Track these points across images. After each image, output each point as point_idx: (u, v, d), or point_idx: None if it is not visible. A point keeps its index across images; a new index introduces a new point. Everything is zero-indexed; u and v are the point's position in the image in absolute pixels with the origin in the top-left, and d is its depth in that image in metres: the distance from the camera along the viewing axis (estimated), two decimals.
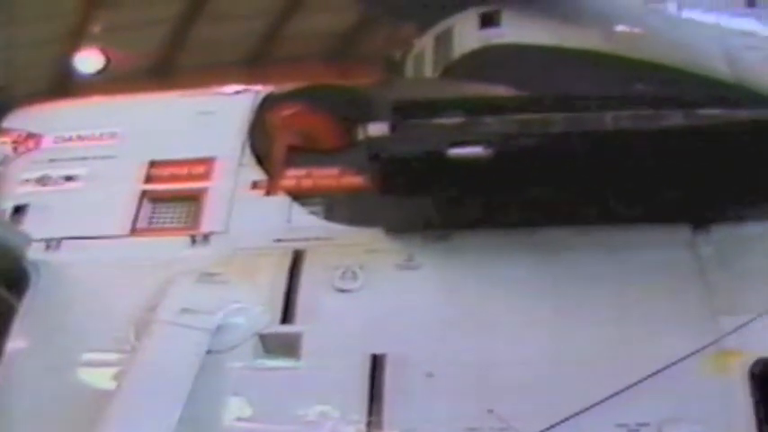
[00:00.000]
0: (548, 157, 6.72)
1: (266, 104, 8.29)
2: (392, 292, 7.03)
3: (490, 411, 6.46)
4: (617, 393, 6.36)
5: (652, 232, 7.13)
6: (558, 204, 7.04)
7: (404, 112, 6.89)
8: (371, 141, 6.77)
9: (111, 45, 21.07)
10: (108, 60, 21.06)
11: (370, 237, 7.31)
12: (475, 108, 6.83)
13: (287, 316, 6.99)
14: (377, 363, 6.70)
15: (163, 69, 22.65)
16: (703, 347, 6.52)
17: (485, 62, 8.12)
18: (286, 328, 6.93)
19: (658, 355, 6.47)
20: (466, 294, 6.98)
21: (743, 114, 6.71)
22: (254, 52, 22.69)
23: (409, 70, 9.01)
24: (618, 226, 7.12)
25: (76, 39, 21.74)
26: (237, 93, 8.57)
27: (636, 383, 6.35)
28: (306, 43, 21.43)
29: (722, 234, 7.20)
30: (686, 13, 8.15)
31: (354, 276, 7.07)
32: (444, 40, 8.48)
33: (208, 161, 8.02)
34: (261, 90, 8.53)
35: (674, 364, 6.41)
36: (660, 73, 7.69)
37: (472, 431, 6.45)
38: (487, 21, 8.28)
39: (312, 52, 20.92)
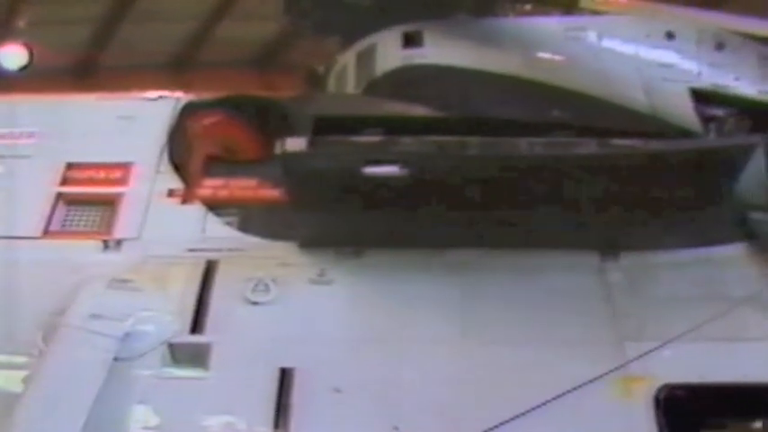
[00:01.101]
0: (462, 179, 6.80)
1: (187, 112, 8.24)
2: (303, 307, 7.05)
3: (396, 429, 6.51)
4: (522, 414, 6.44)
5: (561, 257, 7.25)
6: (470, 226, 7.12)
7: (323, 128, 6.92)
8: (288, 156, 6.78)
9: (36, 41, 20.78)
10: (32, 57, 20.76)
11: (283, 250, 7.32)
12: (394, 127, 6.89)
13: (197, 326, 6.96)
14: (285, 376, 6.71)
15: (86, 68, 22.42)
16: (608, 372, 6.63)
17: (406, 81, 8.15)
18: (195, 338, 6.91)
19: (564, 379, 6.57)
20: (376, 311, 7.03)
21: (656, 146, 6.85)
22: (178, 56, 22.55)
23: (331, 85, 9.03)
24: (528, 250, 7.23)
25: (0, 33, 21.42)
26: (158, 98, 8.51)
27: (540, 406, 6.44)
28: (231, 50, 21.36)
29: (631, 261, 7.35)
30: (606, 43, 8.29)
31: (266, 289, 7.08)
32: (367, 57, 8.52)
33: (125, 166, 7.96)
34: (182, 97, 8.49)
35: (578, 387, 6.51)
36: (578, 101, 7.82)
37: None
38: (410, 40, 8.33)
39: (237, 60, 20.86)
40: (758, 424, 7.20)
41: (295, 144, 6.77)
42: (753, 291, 7.19)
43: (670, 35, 8.32)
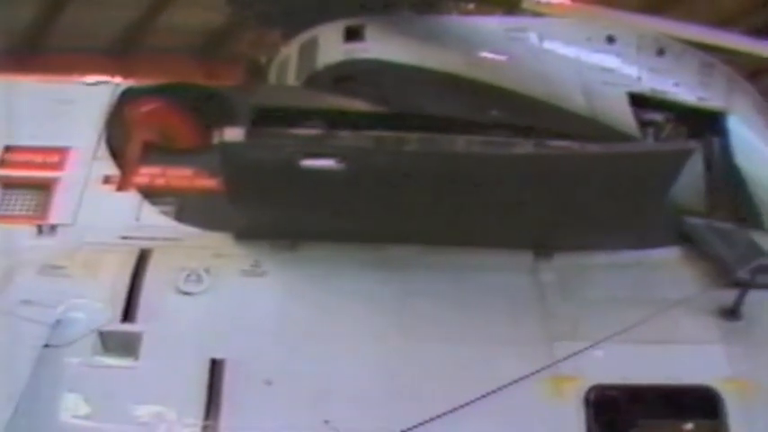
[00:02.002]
0: (400, 174, 6.81)
1: (126, 98, 8.17)
2: (236, 298, 7.02)
3: (326, 422, 6.51)
4: (452, 411, 6.47)
5: (496, 256, 7.30)
6: (406, 222, 7.14)
7: (262, 119, 6.90)
8: (225, 145, 6.76)
9: None
10: None
11: (218, 241, 7.28)
12: (333, 120, 6.88)
13: (128, 314, 6.91)
14: (216, 367, 6.69)
15: (29, 51, 22.16)
16: (537, 371, 6.68)
17: (347, 75, 8.16)
18: (126, 327, 6.86)
19: (495, 377, 6.61)
20: (310, 305, 7.03)
21: (592, 148, 6.91)
22: (122, 41, 22.37)
23: (272, 76, 9.00)
24: (464, 247, 7.26)
25: None
26: (98, 83, 8.44)
27: (470, 403, 6.47)
28: (175, 37, 21.23)
29: (564, 262, 7.42)
30: (547, 45, 8.33)
31: (199, 279, 7.04)
32: (309, 50, 8.50)
33: (62, 151, 7.89)
34: (122, 82, 8.42)
35: (508, 385, 6.55)
36: (517, 101, 7.87)
37: None
38: (352, 34, 8.33)
39: (180, 47, 20.74)
40: (688, 425, 7.31)
41: (233, 134, 6.76)
42: (685, 294, 7.28)
43: (611, 39, 8.38)
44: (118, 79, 8.50)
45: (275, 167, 6.72)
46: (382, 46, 8.27)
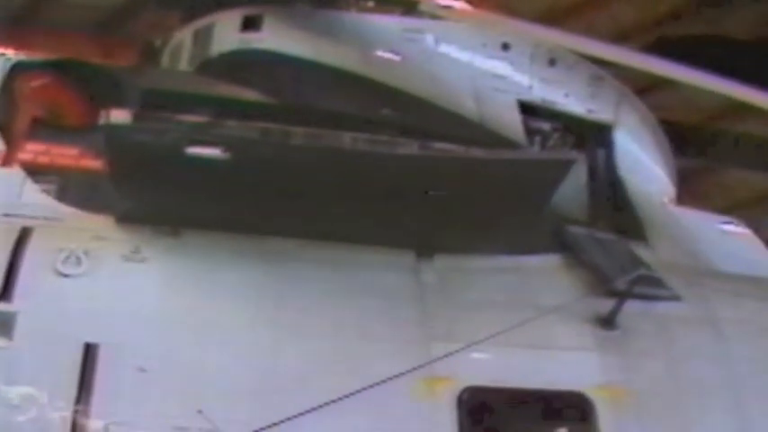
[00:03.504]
0: (284, 167, 6.81)
1: (16, 71, 8.01)
2: (114, 283, 6.93)
3: (199, 412, 6.47)
4: (325, 405, 6.48)
5: (378, 254, 7.34)
6: (290, 215, 7.13)
7: (150, 103, 6.83)
8: (111, 127, 6.67)
9: None
10: None
11: (100, 223, 7.17)
12: (222, 109, 6.84)
13: (4, 294, 6.77)
14: (90, 352, 6.59)
15: None
16: (412, 370, 6.72)
17: (240, 64, 8.12)
18: (1, 306, 6.72)
19: (369, 374, 6.63)
20: (188, 294, 6.97)
21: (477, 153, 6.99)
22: (18, 12, 21.91)
23: (165, 60, 8.92)
24: (347, 244, 7.29)
25: None
26: None
27: (342, 398, 6.49)
28: (74, 13, 20.87)
29: (445, 263, 7.48)
30: (442, 48, 8.41)
31: (78, 262, 6.91)
32: (204, 36, 8.44)
33: None
34: (12, 55, 8.26)
35: (380, 383, 6.58)
36: (408, 102, 7.93)
37: (179, 430, 6.46)
38: (249, 24, 8.30)
39: (78, 23, 20.40)
40: (561, 430, 7.43)
41: (119, 116, 6.68)
42: (562, 301, 7.40)
43: (506, 46, 8.49)
44: (9, 52, 8.34)
45: (160, 152, 6.66)
46: (278, 37, 8.25)
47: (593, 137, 8.61)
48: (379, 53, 8.29)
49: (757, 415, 7.51)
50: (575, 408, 7.20)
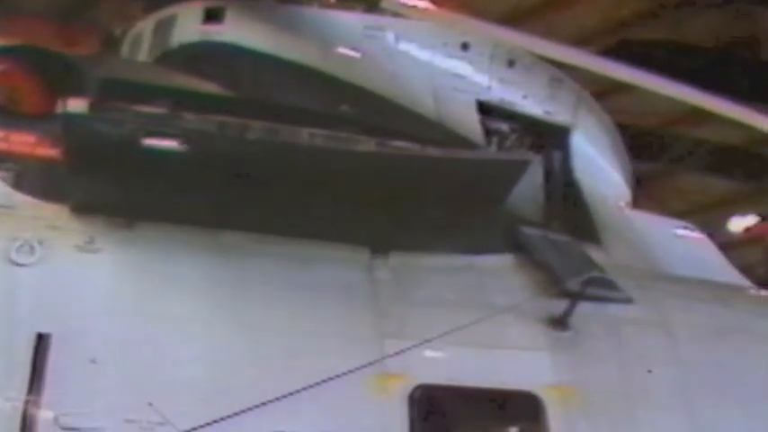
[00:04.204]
0: (241, 161, 6.81)
1: None
2: (67, 273, 6.87)
3: (150, 404, 6.44)
4: (276, 400, 6.48)
5: (333, 250, 7.35)
6: (245, 209, 7.13)
7: (108, 93, 6.78)
8: (68, 116, 6.61)
9: None
10: None
11: (55, 212, 7.10)
12: (180, 101, 6.81)
13: None
14: (41, 342, 6.53)
15: None
16: (363, 367, 6.73)
17: (200, 56, 8.10)
18: None
19: (322, 369, 6.64)
20: (142, 286, 6.94)
21: (433, 152, 7.00)
22: None
23: (126, 49, 8.87)
24: (303, 239, 7.28)
25: None
26: None
27: (294, 392, 6.49)
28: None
29: (399, 261, 7.50)
30: (403, 46, 8.43)
31: (32, 251, 6.84)
32: (165, 27, 8.40)
33: None
34: None
35: (333, 378, 6.59)
36: (367, 99, 7.94)
37: (130, 423, 6.42)
38: (211, 16, 8.28)
39: (41, 9, 20.23)
40: (512, 429, 7.48)
41: (76, 105, 6.59)
42: (515, 301, 7.45)
43: (465, 46, 8.53)
44: None
45: (117, 143, 6.63)
46: (240, 31, 8.25)
47: (550, 138, 8.66)
48: (340, 50, 8.30)
49: (706, 415, 7.62)
50: (525, 407, 7.25)
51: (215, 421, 6.35)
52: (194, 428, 6.30)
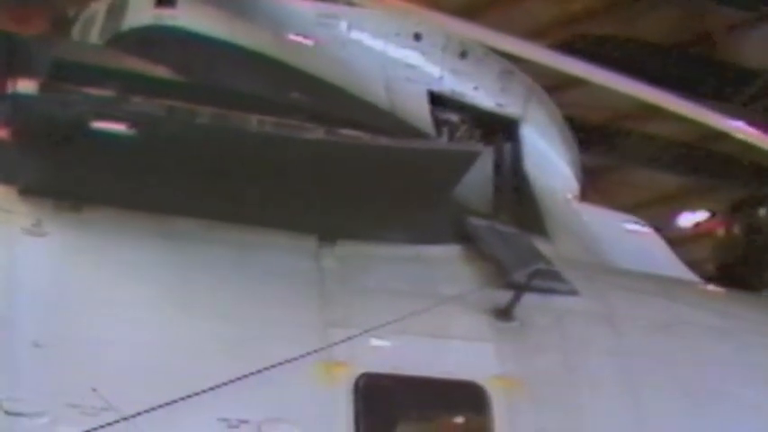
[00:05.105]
0: (189, 146, 6.80)
1: None
2: (12, 256, 6.81)
3: (94, 390, 6.43)
4: (220, 386, 6.47)
5: (281, 237, 7.35)
6: (194, 195, 7.11)
7: (58, 74, 6.74)
8: (17, 97, 6.57)
9: None
10: None
11: (2, 194, 7.01)
12: (130, 84, 6.78)
13: None
14: None
15: None
16: (307, 354, 6.75)
17: (152, 40, 8.04)
18: None
19: (266, 356, 6.63)
20: (89, 270, 6.91)
21: (382, 141, 7.03)
22: None
23: (77, 31, 8.81)
24: (251, 226, 7.28)
25: None
26: None
27: (237, 379, 6.49)
28: None
29: (346, 250, 7.52)
30: (355, 35, 8.43)
31: None
32: (118, 10, 8.34)
33: None
34: None
35: (276, 366, 6.59)
36: (318, 87, 7.94)
37: (73, 408, 6.39)
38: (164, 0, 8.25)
39: None
40: (456, 419, 7.53)
41: (26, 86, 6.56)
42: (461, 291, 7.50)
43: (418, 36, 8.56)
44: None
45: (65, 125, 6.58)
46: (192, 15, 8.19)
47: (500, 131, 8.71)
48: (293, 37, 8.29)
49: (650, 406, 7.73)
50: (470, 397, 7.31)
51: (159, 406, 6.32)
52: (138, 413, 6.28)
